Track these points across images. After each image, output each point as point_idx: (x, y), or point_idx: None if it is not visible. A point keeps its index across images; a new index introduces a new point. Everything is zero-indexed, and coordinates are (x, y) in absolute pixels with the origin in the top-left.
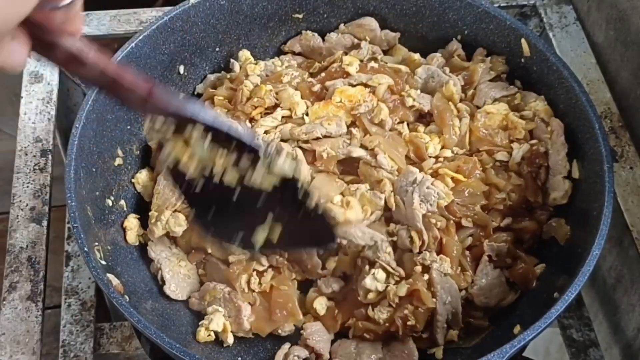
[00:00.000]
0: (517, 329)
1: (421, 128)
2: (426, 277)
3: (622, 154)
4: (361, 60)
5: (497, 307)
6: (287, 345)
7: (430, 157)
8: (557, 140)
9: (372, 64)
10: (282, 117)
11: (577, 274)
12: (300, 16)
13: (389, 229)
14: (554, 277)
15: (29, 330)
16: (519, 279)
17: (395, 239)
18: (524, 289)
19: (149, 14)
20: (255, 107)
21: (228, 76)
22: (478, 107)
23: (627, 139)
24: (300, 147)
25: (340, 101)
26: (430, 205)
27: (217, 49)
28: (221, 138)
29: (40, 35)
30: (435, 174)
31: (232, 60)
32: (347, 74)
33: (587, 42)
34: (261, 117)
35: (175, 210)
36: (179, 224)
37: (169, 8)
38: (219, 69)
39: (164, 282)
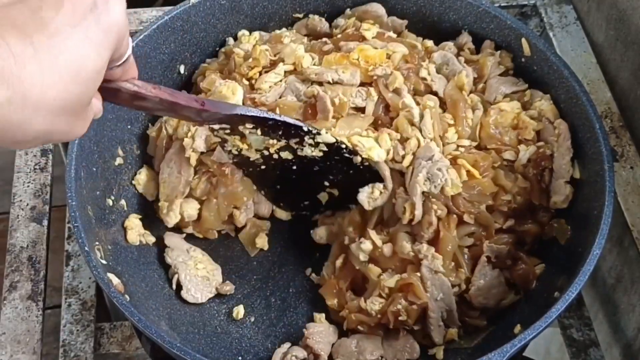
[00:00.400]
0: (517, 328)
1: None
2: (418, 274)
3: (622, 154)
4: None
5: (496, 307)
6: (287, 345)
7: (448, 143)
8: (563, 144)
9: (390, 33)
10: (285, 72)
11: (577, 273)
12: (301, 16)
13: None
14: (554, 277)
15: (29, 329)
16: (519, 280)
17: (394, 201)
18: (524, 289)
19: (149, 14)
20: (252, 68)
21: (223, 50)
22: (489, 102)
23: (628, 139)
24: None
25: (358, 59)
26: (435, 187)
27: (218, 49)
28: (269, 129)
29: (106, 86)
30: (454, 162)
31: (227, 38)
32: (363, 38)
33: (588, 41)
34: (260, 75)
35: (187, 197)
36: (193, 207)
37: (169, 8)
38: None
39: (180, 288)
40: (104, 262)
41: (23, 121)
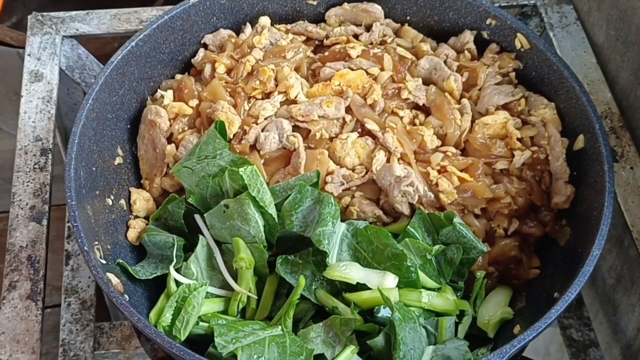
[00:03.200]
0: (517, 329)
1: (422, 117)
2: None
3: (622, 154)
4: (371, 43)
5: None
6: None
7: (432, 149)
8: (554, 146)
9: (375, 50)
10: (281, 103)
11: (577, 274)
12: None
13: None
14: (554, 277)
15: (28, 329)
16: (519, 279)
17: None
18: (524, 288)
19: (150, 13)
20: (255, 89)
21: (233, 40)
22: (480, 113)
23: (628, 139)
24: (296, 125)
25: (339, 85)
26: (412, 199)
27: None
28: None
29: None
30: (444, 170)
31: (247, 23)
32: (349, 56)
33: (588, 42)
34: (262, 98)
35: (165, 175)
36: (172, 185)
37: (170, 7)
38: None
39: None
40: (103, 261)
41: None
